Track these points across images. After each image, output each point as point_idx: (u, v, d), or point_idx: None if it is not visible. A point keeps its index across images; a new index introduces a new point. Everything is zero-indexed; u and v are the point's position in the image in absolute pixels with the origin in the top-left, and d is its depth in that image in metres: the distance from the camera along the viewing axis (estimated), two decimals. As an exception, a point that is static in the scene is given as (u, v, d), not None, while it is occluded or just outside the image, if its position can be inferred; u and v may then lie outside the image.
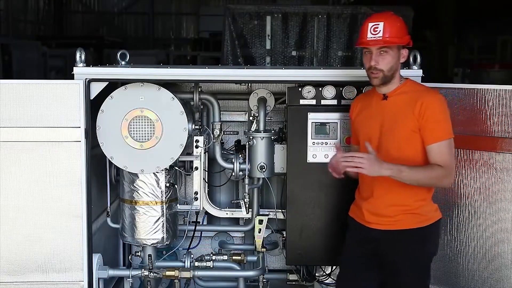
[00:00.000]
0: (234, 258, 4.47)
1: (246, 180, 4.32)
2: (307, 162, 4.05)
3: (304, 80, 4.10)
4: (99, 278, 4.15)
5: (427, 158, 3.28)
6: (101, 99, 3.99)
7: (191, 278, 4.32)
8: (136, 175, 4.11)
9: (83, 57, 3.97)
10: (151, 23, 25.20)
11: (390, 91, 3.39)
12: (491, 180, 3.70)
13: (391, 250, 3.38)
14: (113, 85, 4.08)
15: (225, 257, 4.45)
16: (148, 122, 4.01)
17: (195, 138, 4.24)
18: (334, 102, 4.04)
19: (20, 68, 13.08)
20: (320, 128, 4.04)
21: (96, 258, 4.09)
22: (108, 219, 4.37)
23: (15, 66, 12.97)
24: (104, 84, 3.96)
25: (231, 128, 4.73)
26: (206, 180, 4.41)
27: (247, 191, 4.33)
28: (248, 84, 4.59)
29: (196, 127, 4.22)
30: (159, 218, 4.17)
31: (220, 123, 4.28)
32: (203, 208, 4.40)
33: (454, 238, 3.84)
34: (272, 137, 4.26)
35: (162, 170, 4.11)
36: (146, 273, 4.23)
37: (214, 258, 4.41)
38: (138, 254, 4.36)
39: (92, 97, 3.91)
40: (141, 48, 21.35)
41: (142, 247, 4.28)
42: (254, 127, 4.27)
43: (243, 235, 4.85)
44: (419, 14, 11.13)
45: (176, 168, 4.28)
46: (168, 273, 4.25)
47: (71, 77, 3.93)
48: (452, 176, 3.31)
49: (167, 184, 4.16)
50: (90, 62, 4.24)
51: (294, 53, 10.23)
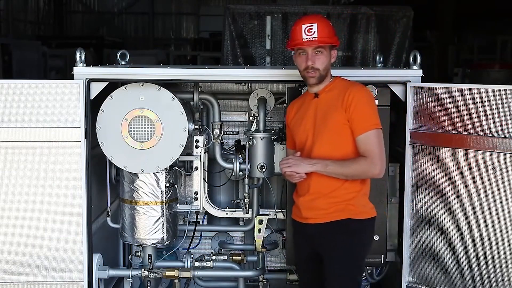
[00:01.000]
0: (234, 258, 4.47)
1: (246, 180, 4.32)
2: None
3: (304, 80, 4.09)
4: (99, 278, 4.15)
5: None
6: (101, 99, 3.99)
7: (191, 278, 4.32)
8: (136, 175, 4.11)
9: (83, 57, 3.97)
10: (151, 23, 25.20)
11: (321, 89, 3.52)
12: (491, 180, 3.69)
13: (324, 242, 3.48)
14: (113, 85, 4.08)
15: (225, 257, 4.45)
16: (148, 122, 4.01)
17: (195, 138, 4.24)
18: (334, 102, 4.03)
19: (20, 68, 13.07)
20: (320, 128, 4.03)
21: (96, 258, 4.09)
22: (108, 219, 4.37)
23: (15, 66, 12.96)
24: (104, 84, 3.96)
25: (231, 128, 4.73)
26: (206, 180, 4.41)
27: (247, 191, 4.33)
28: (248, 84, 4.59)
29: (196, 127, 4.22)
30: (159, 218, 4.17)
31: (220, 123, 4.28)
32: (203, 208, 4.40)
33: (454, 238, 3.84)
34: (272, 137, 4.26)
35: (162, 170, 4.11)
36: (146, 273, 4.23)
37: (214, 258, 4.41)
38: (138, 254, 4.36)
39: (92, 97, 3.91)
40: (141, 48, 21.36)
41: (142, 247, 4.28)
42: (254, 127, 4.27)
43: (243, 235, 4.85)
44: (419, 14, 11.13)
45: (176, 168, 4.28)
46: (168, 273, 4.25)
47: (71, 77, 3.94)
48: (378, 166, 3.37)
49: (167, 184, 4.16)
50: (90, 62, 4.24)
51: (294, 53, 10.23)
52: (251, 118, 4.41)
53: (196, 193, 4.31)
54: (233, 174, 4.33)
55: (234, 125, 4.77)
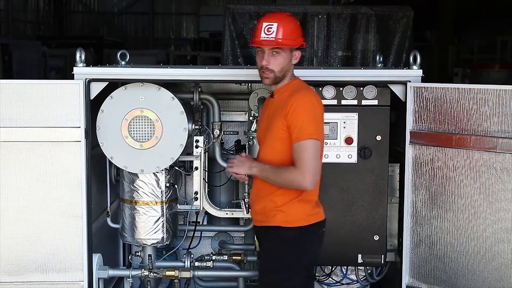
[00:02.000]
0: (234, 258, 4.47)
1: (246, 180, 4.31)
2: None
3: (304, 80, 4.09)
4: (99, 278, 4.15)
5: None
6: (101, 99, 3.99)
7: (191, 278, 4.33)
8: (136, 175, 4.11)
9: (83, 57, 3.97)
10: (151, 23, 25.19)
11: (277, 89, 3.41)
12: (491, 180, 3.69)
13: (260, 246, 3.49)
14: (113, 85, 4.08)
15: (225, 257, 4.45)
16: (148, 122, 4.01)
17: (195, 138, 4.24)
18: (334, 102, 4.04)
19: (20, 68, 13.07)
20: (320, 128, 4.03)
21: (96, 258, 4.09)
22: (108, 219, 4.37)
23: (15, 66, 12.96)
24: (104, 84, 3.96)
25: (231, 128, 4.73)
26: (206, 180, 4.41)
27: (247, 191, 4.33)
28: (248, 84, 4.59)
29: (196, 127, 4.22)
30: (159, 218, 4.17)
31: (220, 123, 4.28)
32: (203, 208, 4.40)
33: (454, 238, 3.84)
34: (272, 137, 4.25)
35: (162, 170, 4.11)
36: (146, 273, 4.23)
37: (214, 258, 4.42)
38: (138, 254, 4.36)
39: (92, 97, 3.91)
40: (141, 48, 21.35)
41: (142, 247, 4.28)
42: (254, 127, 4.27)
43: (243, 235, 4.85)
44: (419, 14, 11.13)
45: (176, 168, 4.28)
46: (168, 273, 4.25)
47: (71, 77, 3.94)
48: (306, 179, 3.17)
49: (167, 184, 4.16)
50: (90, 62, 4.24)
51: (294, 53, 10.23)
52: (251, 118, 4.41)
53: (196, 193, 4.31)
54: (233, 174, 4.33)
55: (234, 125, 4.77)
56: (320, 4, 14.32)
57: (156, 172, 4.10)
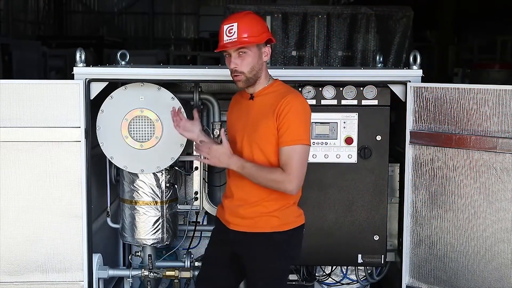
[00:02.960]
0: (234, 258, 4.46)
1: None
2: (307, 162, 4.04)
3: (304, 80, 4.10)
4: (99, 278, 4.15)
5: None
6: (101, 99, 3.99)
7: (191, 278, 4.32)
8: (136, 175, 4.11)
9: (83, 57, 3.97)
10: (151, 23, 25.20)
11: (257, 91, 3.28)
12: (491, 180, 3.70)
13: (247, 253, 3.29)
14: (113, 85, 4.08)
15: (225, 257, 4.44)
16: (148, 122, 4.01)
17: (195, 138, 4.23)
18: (334, 102, 4.04)
19: (20, 68, 13.08)
20: (320, 128, 4.04)
21: (96, 258, 4.09)
22: (108, 219, 4.36)
23: (15, 66, 12.97)
24: (104, 84, 3.96)
25: (231, 128, 4.72)
26: (206, 180, 4.41)
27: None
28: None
29: (196, 127, 4.22)
30: (159, 218, 4.17)
31: (220, 123, 4.28)
32: (203, 208, 4.39)
33: (454, 238, 3.84)
34: (272, 137, 4.25)
35: (162, 170, 4.11)
36: (146, 273, 4.23)
37: (214, 258, 4.41)
38: (138, 254, 4.36)
39: (92, 97, 3.91)
40: (141, 48, 21.36)
41: (142, 247, 4.28)
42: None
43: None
44: (419, 14, 11.14)
45: (176, 168, 4.28)
46: (168, 273, 4.25)
47: (71, 77, 3.93)
48: (293, 184, 3.14)
49: (167, 184, 4.16)
50: (90, 62, 4.23)
51: (294, 53, 10.25)
52: (251, 118, 4.40)
53: (196, 193, 4.31)
54: (233, 174, 4.32)
55: (234, 125, 4.76)
56: (320, 4, 14.32)
57: (156, 172, 4.10)
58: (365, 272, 4.40)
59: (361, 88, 4.02)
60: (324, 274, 4.39)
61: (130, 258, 4.59)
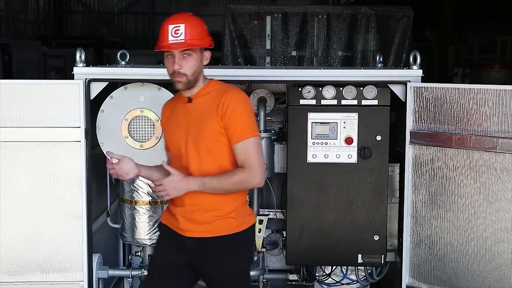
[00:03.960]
0: (234, 258, 4.46)
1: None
2: (307, 162, 4.05)
3: (304, 80, 4.10)
4: (99, 278, 4.15)
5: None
6: (101, 99, 3.99)
7: (191, 278, 4.32)
8: (136, 175, 4.11)
9: (83, 57, 3.97)
10: (151, 23, 25.19)
11: (194, 93, 3.22)
12: (491, 180, 3.70)
13: (208, 259, 3.23)
14: (113, 85, 4.08)
15: (225, 257, 4.44)
16: (148, 122, 4.01)
17: (195, 138, 4.23)
18: (334, 102, 4.04)
19: (20, 68, 13.08)
20: (320, 128, 4.04)
21: (96, 258, 4.09)
22: (108, 219, 4.37)
23: (15, 66, 12.97)
24: (104, 84, 3.96)
25: (231, 128, 4.71)
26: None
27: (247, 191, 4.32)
28: (248, 84, 4.59)
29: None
30: (159, 218, 4.16)
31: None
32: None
33: (454, 238, 3.84)
34: (272, 137, 4.26)
35: (162, 170, 4.11)
36: (146, 273, 4.23)
37: (214, 258, 4.40)
38: (138, 254, 4.36)
39: (92, 97, 3.91)
40: (141, 48, 21.35)
41: (142, 247, 4.28)
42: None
43: (243, 235, 4.84)
44: (419, 14, 11.13)
45: (176, 168, 4.27)
46: (168, 273, 4.25)
47: (71, 77, 3.94)
48: (259, 176, 3.14)
49: (167, 184, 4.15)
50: (90, 62, 4.24)
51: (294, 53, 10.24)
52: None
53: (196, 193, 4.30)
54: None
55: (234, 125, 4.76)
56: (320, 4, 14.32)
57: (156, 172, 4.10)
58: (365, 272, 4.40)
59: (361, 88, 4.03)
60: (324, 274, 4.39)
61: (130, 258, 4.59)
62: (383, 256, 4.11)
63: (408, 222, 4.01)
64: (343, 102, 4.03)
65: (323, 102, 4.04)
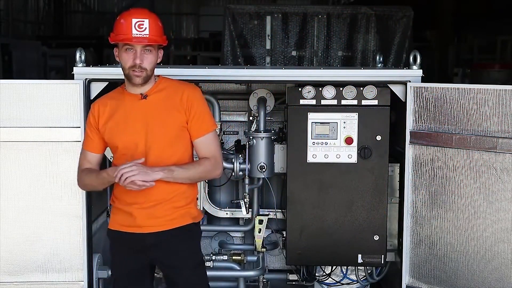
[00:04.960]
0: (234, 258, 4.46)
1: (246, 180, 4.31)
2: (307, 162, 4.05)
3: (304, 80, 4.10)
4: (99, 278, 4.15)
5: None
6: (101, 99, 3.99)
7: (191, 278, 4.32)
8: (136, 175, 4.10)
9: (83, 57, 3.97)
10: (151, 23, 25.16)
11: (148, 89, 3.26)
12: (491, 180, 3.69)
13: (168, 250, 3.28)
14: (113, 85, 4.08)
15: (225, 257, 4.44)
16: (148, 122, 4.00)
17: (195, 138, 4.23)
18: (334, 102, 4.04)
19: (20, 68, 13.08)
20: (320, 128, 4.04)
21: (96, 258, 4.09)
22: (108, 219, 4.36)
23: (15, 66, 12.97)
24: (104, 84, 3.96)
25: (231, 128, 4.72)
26: (206, 180, 4.40)
27: (247, 191, 4.33)
28: (248, 84, 4.59)
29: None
30: (159, 218, 4.16)
31: (220, 123, 4.28)
32: (203, 208, 4.39)
33: (454, 238, 3.84)
34: (272, 137, 4.26)
35: (162, 170, 4.10)
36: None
37: (214, 258, 4.41)
38: (138, 254, 4.36)
39: (92, 97, 3.91)
40: (141, 48, 21.30)
41: (142, 247, 4.27)
42: (254, 127, 4.27)
43: (243, 235, 4.85)
44: (419, 14, 11.14)
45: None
46: (168, 273, 4.25)
47: (71, 77, 3.94)
48: (220, 167, 3.32)
49: (167, 184, 4.15)
50: (90, 62, 4.23)
51: (294, 53, 10.24)
52: (251, 118, 4.41)
53: (196, 193, 4.30)
54: (233, 174, 4.33)
55: (234, 125, 4.77)
56: (320, 4, 14.33)
57: (156, 172, 4.09)
58: (365, 272, 4.40)
59: (361, 88, 4.02)
60: (324, 274, 4.39)
61: (130, 258, 4.58)
62: (383, 256, 4.11)
63: (408, 222, 4.01)
64: (343, 102, 4.03)
65: (323, 102, 4.04)
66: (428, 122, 3.89)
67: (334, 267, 4.37)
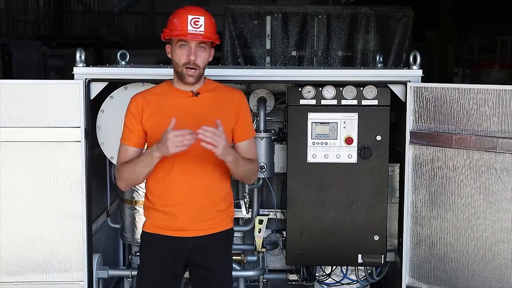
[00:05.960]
0: (234, 258, 4.46)
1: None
2: (307, 162, 4.05)
3: (304, 80, 4.10)
4: (99, 278, 4.15)
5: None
6: (101, 99, 3.99)
7: (191, 278, 4.32)
8: (136, 175, 4.10)
9: (83, 57, 3.97)
10: (151, 23, 25.19)
11: (199, 88, 3.25)
12: (491, 180, 3.69)
13: (209, 254, 3.25)
14: (113, 85, 4.08)
15: (225, 257, 4.44)
16: (148, 122, 4.00)
17: (195, 138, 4.23)
18: (334, 102, 4.04)
19: (20, 68, 13.08)
20: (320, 128, 4.04)
21: (96, 258, 4.09)
22: (108, 219, 4.37)
23: (15, 66, 12.97)
24: (104, 84, 3.96)
25: (231, 128, 4.71)
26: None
27: (247, 191, 4.33)
28: (248, 84, 4.59)
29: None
30: (159, 218, 4.16)
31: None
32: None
33: (454, 238, 3.84)
34: (272, 137, 4.26)
35: (162, 170, 4.10)
36: None
37: (214, 258, 4.40)
38: (138, 254, 4.35)
39: (92, 97, 3.91)
40: (141, 48, 21.35)
41: (142, 247, 4.27)
42: (254, 127, 4.26)
43: (243, 235, 4.85)
44: (419, 14, 11.13)
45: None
46: (168, 273, 4.25)
47: (71, 77, 3.94)
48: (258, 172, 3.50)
49: (167, 184, 4.15)
50: (90, 62, 4.24)
51: (294, 53, 10.23)
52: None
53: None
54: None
55: (234, 125, 4.76)
56: (320, 4, 14.31)
57: (156, 172, 4.09)
58: (365, 272, 4.40)
59: (361, 88, 4.03)
60: (324, 274, 4.39)
61: (130, 258, 4.58)
62: (383, 256, 4.11)
63: (408, 222, 4.01)
64: (343, 102, 4.03)
65: (323, 102, 4.04)
66: (428, 122, 3.89)
67: (334, 267, 4.37)
